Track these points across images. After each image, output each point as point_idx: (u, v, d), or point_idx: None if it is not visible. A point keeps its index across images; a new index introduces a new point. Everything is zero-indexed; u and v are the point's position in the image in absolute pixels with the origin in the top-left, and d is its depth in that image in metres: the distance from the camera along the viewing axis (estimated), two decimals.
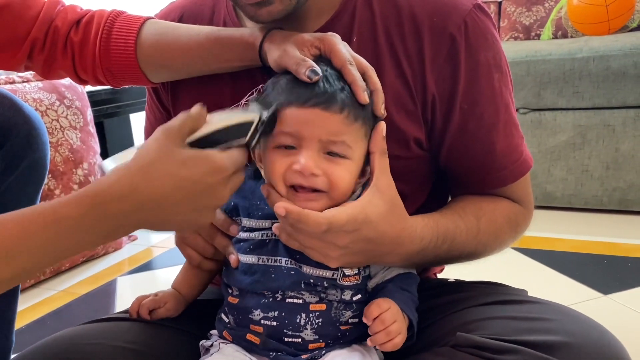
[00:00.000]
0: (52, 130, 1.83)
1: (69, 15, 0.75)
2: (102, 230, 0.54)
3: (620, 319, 1.32)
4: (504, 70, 0.73)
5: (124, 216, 0.54)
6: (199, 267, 0.73)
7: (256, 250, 0.67)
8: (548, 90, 2.00)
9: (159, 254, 1.99)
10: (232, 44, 0.70)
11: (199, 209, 0.57)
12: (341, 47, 0.64)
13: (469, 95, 0.70)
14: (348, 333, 0.67)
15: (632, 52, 1.88)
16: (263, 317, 0.65)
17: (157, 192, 0.54)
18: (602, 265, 1.62)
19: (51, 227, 0.52)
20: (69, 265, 1.86)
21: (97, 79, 0.77)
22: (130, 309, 0.74)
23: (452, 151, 0.74)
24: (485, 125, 0.72)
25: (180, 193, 0.55)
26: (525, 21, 2.53)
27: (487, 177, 0.75)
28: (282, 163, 0.62)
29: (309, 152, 0.61)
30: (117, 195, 0.53)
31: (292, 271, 0.65)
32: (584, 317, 0.64)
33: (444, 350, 0.63)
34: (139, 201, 0.54)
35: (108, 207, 0.53)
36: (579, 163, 2.03)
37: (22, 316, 1.58)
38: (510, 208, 0.76)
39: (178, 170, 0.55)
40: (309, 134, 0.61)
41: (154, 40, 0.73)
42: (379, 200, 0.62)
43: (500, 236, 0.75)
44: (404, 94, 0.70)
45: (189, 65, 0.73)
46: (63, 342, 0.68)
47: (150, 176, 0.54)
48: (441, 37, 0.69)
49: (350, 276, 0.65)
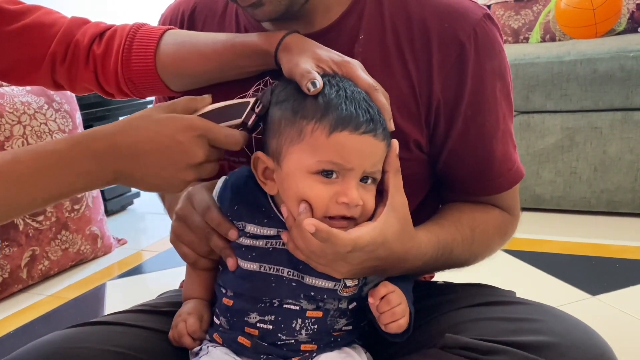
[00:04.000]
0: (40, 134, 1.82)
1: (91, 30, 0.77)
2: (84, 168, 0.60)
3: (608, 319, 1.33)
4: (506, 79, 0.74)
5: (104, 159, 0.60)
6: (194, 266, 0.72)
7: (258, 257, 0.65)
8: (536, 93, 2.02)
9: (149, 258, 1.98)
10: (248, 52, 0.70)
11: (172, 164, 0.61)
12: (362, 73, 0.64)
13: (473, 103, 0.71)
14: (340, 339, 0.67)
15: (619, 55, 1.90)
16: (259, 320, 0.65)
17: (132, 141, 0.60)
18: (590, 266, 1.64)
19: (40, 158, 0.59)
20: (57, 269, 1.85)
21: (121, 90, 0.78)
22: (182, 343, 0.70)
23: (452, 157, 0.74)
24: (486, 133, 0.73)
25: (153, 145, 0.60)
26: (514, 24, 2.55)
27: (483, 184, 0.76)
28: (324, 193, 0.59)
29: (354, 183, 0.60)
30: (100, 136, 0.60)
31: (293, 282, 0.64)
32: (571, 317, 0.65)
33: (432, 352, 0.63)
34: (117, 146, 0.60)
35: (90, 145, 0.60)
36: (567, 165, 2.04)
37: (9, 321, 1.56)
38: (500, 218, 0.78)
39: (153, 125, 0.61)
40: (358, 165, 0.59)
41: (173, 50, 0.74)
42: (394, 219, 0.62)
43: (491, 245, 0.77)
44: (409, 97, 0.70)
45: (207, 73, 0.74)
46: (50, 345, 0.67)
47: (129, 127, 0.61)
48: (451, 43, 0.69)
49: (351, 287, 0.65)
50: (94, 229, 1.97)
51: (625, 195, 1.99)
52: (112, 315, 0.77)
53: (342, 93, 0.60)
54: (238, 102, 0.66)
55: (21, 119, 1.77)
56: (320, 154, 0.59)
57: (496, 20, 0.73)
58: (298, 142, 0.60)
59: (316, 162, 0.59)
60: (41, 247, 1.79)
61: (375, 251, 0.61)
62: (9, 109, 1.75)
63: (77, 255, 1.91)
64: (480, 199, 0.77)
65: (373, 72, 0.66)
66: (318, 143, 0.59)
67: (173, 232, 0.72)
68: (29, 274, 1.76)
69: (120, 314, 0.78)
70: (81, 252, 1.93)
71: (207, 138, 0.62)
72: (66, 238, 1.87)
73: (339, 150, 0.58)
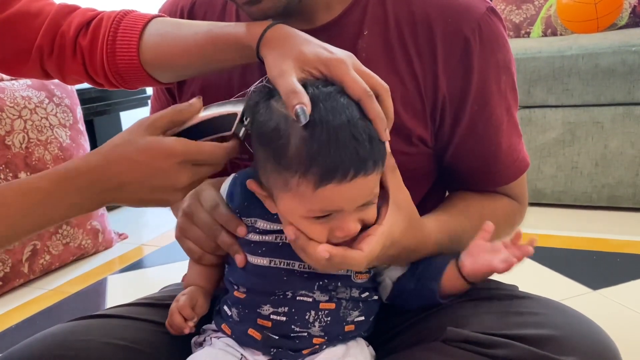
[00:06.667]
0: (41, 129, 1.82)
1: (77, 19, 0.74)
2: (69, 202, 0.60)
3: (609, 313, 1.33)
4: (511, 71, 0.74)
5: (89, 191, 0.60)
6: (199, 262, 0.72)
7: (268, 253, 0.65)
8: (538, 88, 2.02)
9: (150, 253, 1.98)
10: (228, 45, 0.66)
11: (156, 190, 0.61)
12: (353, 76, 0.57)
13: (479, 97, 0.71)
14: (349, 332, 0.67)
15: (621, 50, 1.89)
16: (273, 312, 0.65)
17: (114, 174, 0.60)
18: (591, 260, 1.64)
19: (26, 197, 0.59)
20: (58, 264, 1.85)
21: (110, 82, 0.75)
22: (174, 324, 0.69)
23: (458, 151, 0.74)
24: (492, 127, 0.73)
25: (134, 175, 0.60)
26: (515, 19, 2.54)
27: (490, 176, 0.76)
28: (322, 232, 0.59)
29: (349, 218, 0.58)
30: (83, 171, 0.60)
31: (305, 274, 0.64)
32: (573, 311, 0.65)
33: (434, 345, 0.63)
34: (100, 180, 0.60)
35: (74, 182, 0.60)
36: (569, 160, 2.04)
37: (11, 315, 1.57)
38: (509, 206, 0.79)
39: (134, 154, 0.60)
40: (352, 205, 0.58)
41: (155, 42, 0.71)
42: (399, 217, 0.62)
43: (499, 234, 0.76)
44: (413, 93, 0.70)
45: (189, 66, 0.71)
46: (53, 338, 0.67)
47: (110, 158, 0.61)
48: (455, 38, 0.68)
49: (363, 273, 0.66)
50: (95, 223, 1.97)
51: (626, 190, 1.99)
52: (114, 309, 0.77)
53: (325, 133, 0.54)
54: (226, 113, 0.62)
55: (22, 114, 1.77)
56: (310, 204, 0.57)
57: (500, 14, 0.72)
58: (286, 192, 0.58)
59: (307, 211, 0.58)
60: (42, 242, 1.79)
61: (386, 252, 0.62)
62: (10, 103, 1.75)
63: (78, 250, 1.91)
64: (490, 190, 0.78)
65: (377, 69, 0.61)
66: (306, 196, 0.56)
67: (179, 228, 0.72)
68: (30, 268, 1.76)
69: (122, 307, 0.78)
70: (82, 247, 1.93)
71: (189, 162, 0.61)
72: (67, 233, 1.87)
73: (327, 202, 0.56)
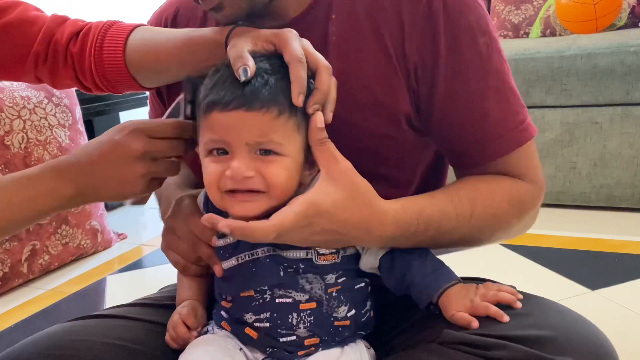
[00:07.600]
0: (40, 129, 1.82)
1: (68, 28, 0.79)
2: (48, 187, 0.66)
3: (607, 314, 1.34)
4: (491, 34, 0.69)
5: (65, 175, 0.67)
6: (184, 273, 0.74)
7: (233, 252, 0.67)
8: (536, 88, 2.02)
9: (149, 253, 1.98)
10: (203, 44, 0.70)
11: (119, 163, 0.67)
12: (294, 44, 0.61)
13: (451, 61, 0.68)
14: (342, 328, 0.66)
15: (619, 50, 1.89)
16: (255, 319, 0.66)
17: (85, 154, 0.68)
18: (589, 261, 1.64)
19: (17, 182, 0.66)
20: (58, 264, 1.85)
21: (98, 86, 0.80)
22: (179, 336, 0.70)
23: (443, 122, 0.71)
24: (473, 92, 0.69)
25: (99, 152, 0.67)
26: (514, 19, 2.54)
27: (480, 147, 0.71)
28: (215, 170, 0.61)
29: (240, 155, 0.59)
30: (64, 158, 0.69)
31: (267, 258, 0.65)
32: (571, 312, 0.65)
33: (431, 347, 0.63)
34: (76, 162, 0.68)
35: (55, 165, 0.68)
36: (567, 160, 2.04)
37: (10, 315, 1.57)
38: (512, 186, 0.72)
39: (100, 137, 0.69)
40: (234, 139, 0.59)
41: (138, 46, 0.75)
42: (332, 188, 0.60)
43: (500, 218, 0.72)
44: (387, 67, 0.69)
45: (170, 69, 0.74)
46: (52, 338, 0.68)
47: (86, 145, 0.70)
48: (418, 3, 0.67)
49: (326, 254, 0.65)
50: (94, 223, 1.97)
51: (625, 190, 1.99)
52: (114, 309, 0.78)
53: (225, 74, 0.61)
54: (179, 100, 0.72)
55: (21, 114, 1.77)
56: (203, 137, 0.62)
57: None
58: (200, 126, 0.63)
59: (203, 145, 0.62)
60: (41, 242, 1.79)
61: (314, 224, 0.59)
62: (9, 104, 1.75)
63: (77, 250, 1.92)
64: (489, 169, 0.72)
65: (348, 51, 0.68)
66: (201, 128, 0.62)
67: (164, 240, 0.74)
68: (29, 268, 1.76)
69: (122, 307, 0.78)
70: (81, 247, 1.93)
71: (141, 131, 0.67)
72: (66, 233, 1.87)
73: (212, 129, 0.60)
